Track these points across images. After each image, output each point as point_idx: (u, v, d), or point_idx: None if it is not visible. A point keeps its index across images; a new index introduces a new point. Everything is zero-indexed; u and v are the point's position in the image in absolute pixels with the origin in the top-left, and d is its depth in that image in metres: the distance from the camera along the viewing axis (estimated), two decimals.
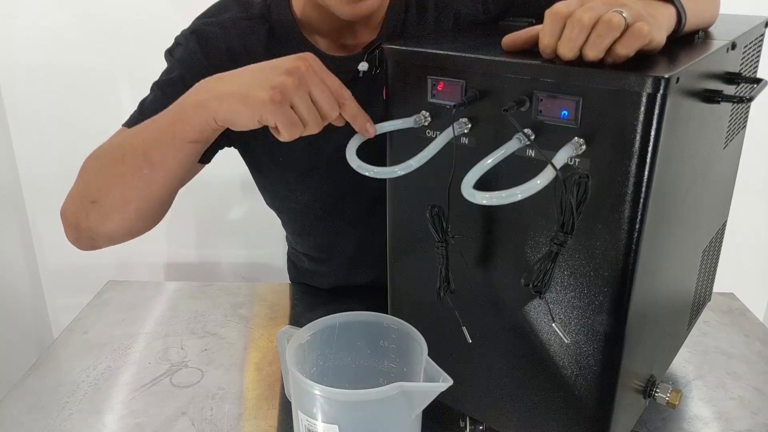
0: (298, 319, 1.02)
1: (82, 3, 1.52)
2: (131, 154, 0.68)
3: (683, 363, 0.88)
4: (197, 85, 0.64)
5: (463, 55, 0.58)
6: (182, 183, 0.75)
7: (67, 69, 1.56)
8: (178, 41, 0.84)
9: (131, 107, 1.66)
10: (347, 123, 0.63)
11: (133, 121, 0.79)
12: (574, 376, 0.59)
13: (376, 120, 0.64)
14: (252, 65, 0.63)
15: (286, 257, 1.18)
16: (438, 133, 0.60)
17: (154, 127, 0.67)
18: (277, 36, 0.84)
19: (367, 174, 0.59)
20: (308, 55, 0.61)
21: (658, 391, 0.67)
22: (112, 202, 0.70)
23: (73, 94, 1.58)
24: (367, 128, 0.61)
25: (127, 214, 0.71)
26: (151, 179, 0.68)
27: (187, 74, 0.80)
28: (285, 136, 0.60)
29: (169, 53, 0.85)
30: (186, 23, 0.86)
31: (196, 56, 0.81)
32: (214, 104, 0.61)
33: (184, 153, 0.67)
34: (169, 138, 0.66)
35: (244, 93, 0.59)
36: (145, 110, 0.80)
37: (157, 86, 0.83)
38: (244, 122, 0.60)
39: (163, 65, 0.85)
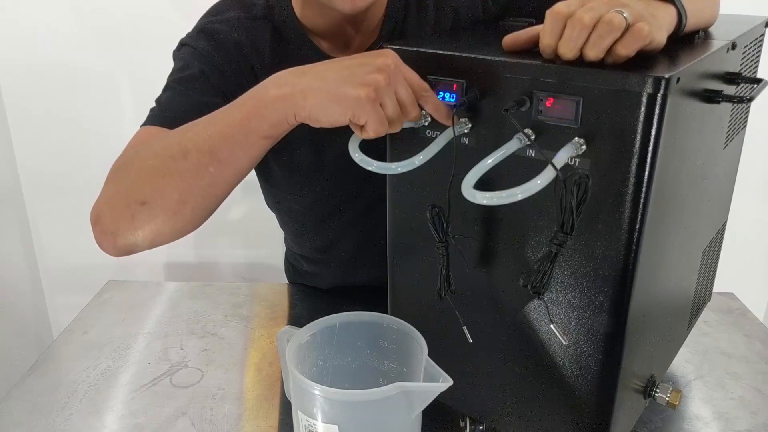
0: (298, 319, 1.02)
1: (82, 3, 1.52)
2: (195, 151, 0.63)
3: (683, 363, 0.88)
4: (273, 79, 0.60)
5: (463, 55, 0.58)
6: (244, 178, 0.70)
7: (68, 69, 1.56)
8: (185, 42, 0.83)
9: (131, 107, 1.66)
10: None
11: (158, 120, 0.76)
12: (574, 376, 0.59)
13: None
14: (331, 61, 0.60)
15: (284, 258, 1.18)
16: (438, 133, 0.60)
17: (222, 122, 0.63)
18: (281, 36, 0.84)
19: (368, 168, 0.59)
20: (390, 53, 0.59)
21: (658, 391, 0.67)
22: (168, 202, 0.65)
23: (73, 94, 1.58)
24: (448, 117, 0.59)
25: (183, 215, 0.66)
26: (217, 177, 0.64)
27: (206, 68, 0.80)
28: (371, 134, 0.58)
29: (178, 53, 0.84)
30: (186, 23, 0.86)
31: (208, 54, 0.81)
32: (298, 99, 0.58)
33: (256, 149, 0.63)
34: (242, 134, 0.61)
35: (336, 89, 0.56)
36: (168, 106, 0.77)
37: (175, 82, 0.80)
38: (335, 119, 0.57)
39: (163, 65, 0.85)
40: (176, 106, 0.76)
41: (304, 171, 0.90)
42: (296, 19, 0.83)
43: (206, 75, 0.79)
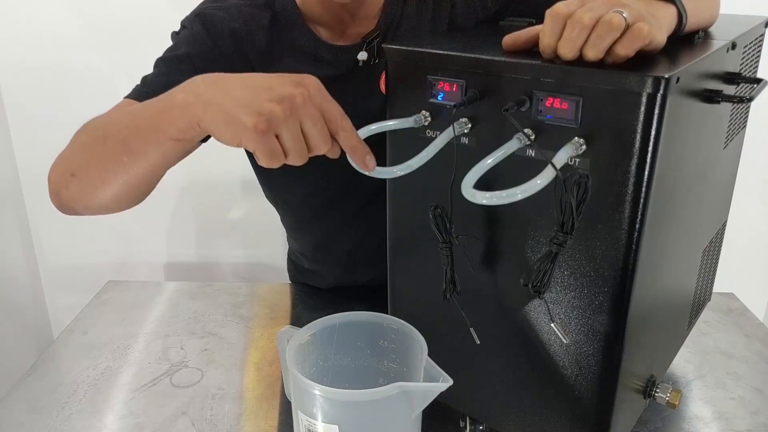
0: (298, 319, 1.02)
1: (82, 3, 1.52)
2: (112, 137, 0.65)
3: (683, 363, 0.88)
4: (188, 82, 0.60)
5: (463, 55, 0.58)
6: (167, 170, 0.70)
7: (68, 69, 1.57)
8: (183, 24, 0.85)
9: None
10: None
11: (135, 94, 0.78)
12: (574, 376, 0.59)
13: (372, 112, 0.63)
14: (248, 76, 0.58)
15: (286, 257, 1.18)
16: (438, 133, 0.60)
17: (139, 114, 0.63)
18: (279, 23, 0.84)
19: (366, 173, 0.59)
20: (310, 81, 0.56)
21: (658, 391, 0.67)
22: (90, 179, 0.68)
23: (74, 94, 1.58)
24: (366, 162, 0.57)
25: (104, 194, 0.69)
26: (129, 167, 0.65)
27: (194, 52, 0.81)
28: (263, 163, 0.55)
29: (176, 34, 0.86)
30: None
31: (201, 37, 0.82)
32: (199, 109, 0.56)
33: (167, 148, 0.62)
34: (151, 131, 0.61)
35: (230, 111, 0.54)
36: (149, 83, 0.79)
37: (162, 62, 0.82)
38: (224, 140, 0.56)
39: None
40: (154, 84, 0.77)
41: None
42: (296, 7, 0.84)
43: (191, 57, 0.80)
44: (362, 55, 0.83)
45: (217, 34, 0.82)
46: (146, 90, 0.76)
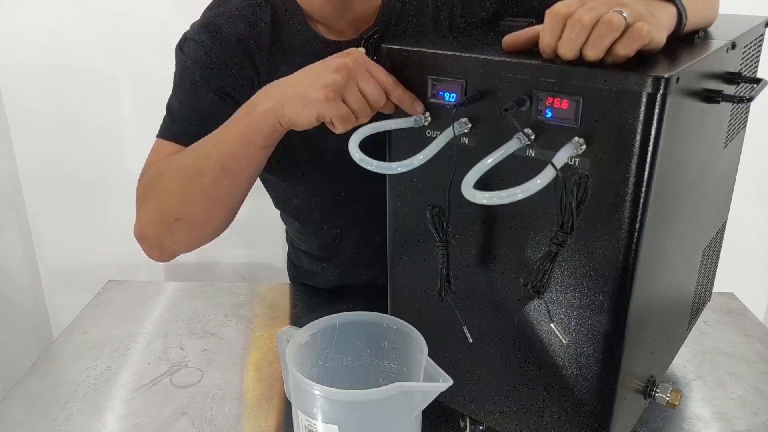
0: (298, 319, 1.02)
1: (82, 3, 1.52)
2: (210, 168, 0.72)
3: (683, 363, 0.88)
4: (259, 94, 0.69)
5: (463, 55, 0.58)
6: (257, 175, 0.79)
7: (68, 69, 1.56)
8: (190, 36, 0.84)
9: (131, 107, 1.66)
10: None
11: (167, 132, 0.83)
12: (574, 376, 0.59)
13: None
14: (305, 69, 0.66)
15: (286, 257, 1.18)
16: (438, 133, 0.60)
17: (227, 140, 0.71)
18: (279, 20, 0.84)
19: (368, 167, 0.59)
20: (354, 51, 0.64)
21: (658, 391, 0.67)
22: (199, 216, 0.77)
23: (74, 93, 1.58)
24: (415, 107, 0.62)
25: (212, 223, 0.78)
26: (231, 188, 0.74)
27: (206, 71, 0.82)
28: (339, 129, 0.63)
29: (180, 49, 0.85)
30: (186, 23, 0.86)
31: (209, 49, 0.82)
32: (278, 110, 0.66)
33: (258, 158, 0.73)
34: (243, 149, 0.70)
35: (302, 94, 0.63)
36: (176, 119, 0.84)
37: (180, 90, 0.85)
38: (306, 121, 0.64)
39: (163, 65, 0.85)
40: (183, 120, 0.82)
41: (302, 165, 0.90)
42: (297, 4, 0.84)
43: (206, 80, 0.82)
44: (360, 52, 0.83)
45: (225, 43, 0.82)
46: (176, 128, 0.82)
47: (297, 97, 0.64)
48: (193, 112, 0.82)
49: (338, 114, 0.62)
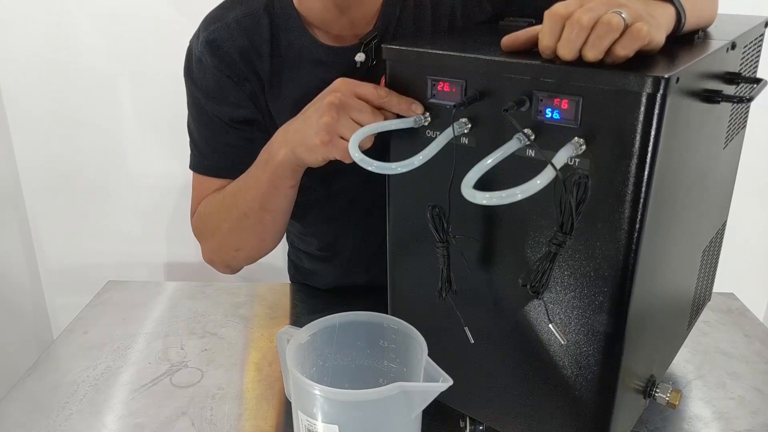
0: (298, 319, 1.02)
1: (83, 3, 1.52)
2: (252, 210, 0.82)
3: (683, 363, 0.88)
4: (274, 141, 0.76)
5: (463, 55, 0.58)
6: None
7: (68, 69, 1.56)
8: (197, 56, 0.86)
9: (131, 107, 1.65)
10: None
11: (200, 166, 0.91)
12: (574, 376, 0.59)
13: None
14: (302, 113, 0.72)
15: (286, 257, 1.18)
16: (438, 133, 0.60)
17: (258, 186, 0.80)
18: (278, 28, 0.84)
19: (368, 168, 0.59)
20: (338, 84, 0.67)
21: (658, 391, 0.67)
22: (253, 244, 0.90)
23: (74, 93, 1.58)
24: (413, 109, 0.63)
25: (265, 246, 0.91)
26: (275, 220, 0.85)
27: (214, 105, 0.87)
28: (346, 161, 0.66)
29: (188, 73, 0.88)
30: (187, 23, 0.86)
31: (214, 69, 0.85)
32: (292, 156, 0.73)
33: (291, 193, 0.81)
34: (275, 190, 0.79)
35: (303, 141, 0.69)
36: (205, 153, 0.91)
37: (197, 122, 0.90)
38: (316, 163, 0.71)
39: (163, 66, 0.85)
40: (211, 154, 0.90)
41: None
42: (295, 10, 0.84)
43: (217, 115, 0.87)
44: (360, 57, 0.83)
45: (228, 59, 0.84)
46: (207, 163, 0.91)
47: (302, 145, 0.70)
48: (217, 145, 0.89)
49: (339, 153, 0.66)
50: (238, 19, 0.84)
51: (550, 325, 0.58)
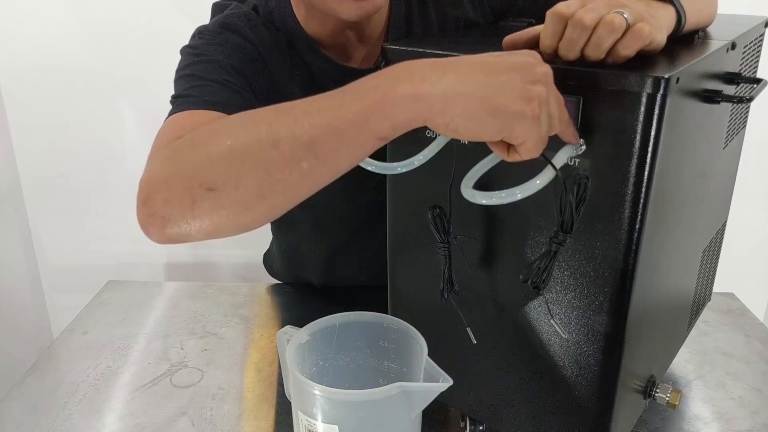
0: (298, 319, 1.01)
1: (83, 5, 1.52)
2: (289, 140, 0.51)
3: (683, 363, 0.88)
4: (402, 70, 0.49)
5: (464, 55, 0.57)
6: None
7: (68, 70, 1.56)
8: (205, 30, 0.79)
9: (130, 108, 1.65)
10: None
11: (189, 104, 0.68)
12: (574, 376, 0.59)
13: None
14: (479, 59, 0.49)
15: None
16: (438, 133, 0.60)
17: (332, 112, 0.50)
18: (291, 41, 0.82)
19: (368, 168, 0.59)
20: (534, 54, 0.50)
21: (658, 391, 0.67)
22: (241, 194, 0.52)
23: (74, 95, 1.58)
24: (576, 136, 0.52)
25: (255, 211, 0.53)
26: (308, 176, 0.52)
27: (230, 56, 0.75)
28: (524, 156, 0.49)
29: (193, 39, 0.79)
30: (186, 24, 0.86)
31: (236, 42, 0.77)
32: (438, 102, 0.47)
33: (364, 150, 0.51)
34: (354, 131, 0.49)
35: (492, 99, 0.47)
36: (195, 90, 0.70)
37: (190, 71, 0.73)
38: (486, 134, 0.48)
39: (163, 66, 0.84)
40: (202, 90, 0.69)
41: None
42: (302, 30, 0.82)
43: (227, 58, 0.73)
44: None
45: (249, 40, 0.78)
46: (198, 98, 0.67)
47: (479, 100, 0.47)
48: (213, 84, 0.69)
49: (538, 138, 0.48)
50: (251, 17, 0.81)
51: (552, 321, 0.58)
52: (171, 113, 0.68)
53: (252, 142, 0.52)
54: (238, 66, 0.74)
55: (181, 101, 0.69)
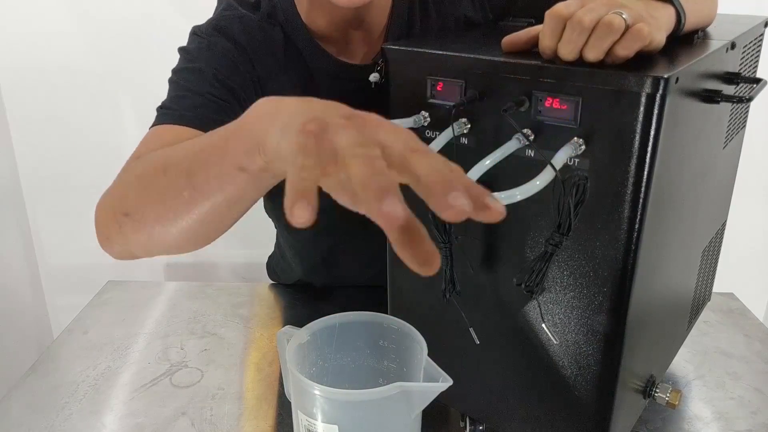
0: (298, 319, 1.02)
1: (82, 5, 1.52)
2: (173, 167, 0.53)
3: (683, 363, 0.88)
4: (261, 100, 0.47)
5: (463, 55, 0.58)
6: (237, 213, 0.56)
7: (68, 70, 1.57)
8: (197, 32, 0.80)
9: (130, 108, 1.65)
10: None
11: (163, 117, 0.72)
12: (574, 376, 0.59)
13: None
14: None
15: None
16: (437, 133, 0.60)
17: (204, 141, 0.51)
18: (290, 38, 0.82)
19: None
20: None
21: (658, 391, 0.67)
22: (147, 219, 0.56)
23: (73, 95, 1.58)
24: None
25: (164, 235, 0.56)
26: (192, 206, 0.52)
27: (215, 63, 0.76)
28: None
29: (187, 43, 0.81)
30: (186, 24, 0.86)
31: (223, 47, 0.78)
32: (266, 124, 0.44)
33: (233, 183, 0.48)
34: (217, 158, 0.48)
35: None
36: (173, 103, 0.73)
37: (179, 75, 0.77)
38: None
39: (163, 67, 0.84)
40: (183, 102, 0.72)
41: None
42: (304, 24, 0.82)
43: (214, 68, 0.76)
44: (374, 77, 0.82)
45: (239, 45, 0.79)
46: (175, 113, 0.70)
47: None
48: (195, 96, 0.71)
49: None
50: (251, 18, 0.81)
51: (543, 325, 0.58)
52: (154, 124, 0.73)
53: (151, 170, 0.57)
54: (224, 75, 0.76)
55: (162, 113, 0.73)
